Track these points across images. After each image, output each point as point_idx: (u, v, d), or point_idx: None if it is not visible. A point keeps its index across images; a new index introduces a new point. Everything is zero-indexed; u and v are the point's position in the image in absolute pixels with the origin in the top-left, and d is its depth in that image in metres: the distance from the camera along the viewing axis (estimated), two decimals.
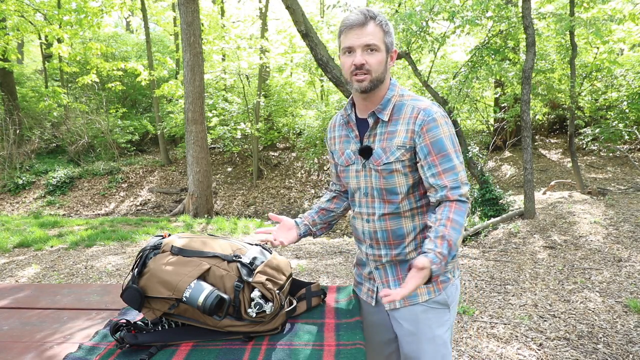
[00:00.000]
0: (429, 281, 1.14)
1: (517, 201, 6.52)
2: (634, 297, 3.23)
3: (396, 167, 1.28)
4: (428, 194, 1.31)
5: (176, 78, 13.10)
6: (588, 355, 2.52)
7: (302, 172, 13.22)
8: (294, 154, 14.16)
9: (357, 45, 1.23)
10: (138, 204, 11.68)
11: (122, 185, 12.52)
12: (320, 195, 11.79)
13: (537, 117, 12.27)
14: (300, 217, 1.57)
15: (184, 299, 1.17)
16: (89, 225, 7.10)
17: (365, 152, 1.31)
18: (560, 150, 12.04)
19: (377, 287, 1.44)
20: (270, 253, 1.41)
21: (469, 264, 4.35)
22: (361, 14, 1.23)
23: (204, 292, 1.16)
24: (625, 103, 8.26)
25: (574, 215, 5.41)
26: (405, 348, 1.42)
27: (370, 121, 1.31)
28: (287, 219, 1.54)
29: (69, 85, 15.09)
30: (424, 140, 1.25)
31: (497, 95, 10.55)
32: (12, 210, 10.98)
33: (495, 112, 10.26)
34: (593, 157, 11.01)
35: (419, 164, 1.28)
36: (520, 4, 6.15)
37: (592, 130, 8.77)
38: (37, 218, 8.23)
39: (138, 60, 15.42)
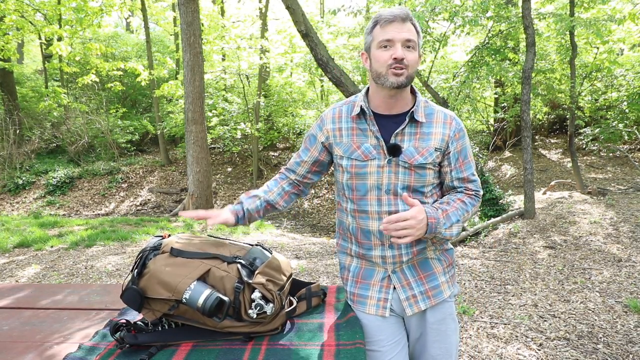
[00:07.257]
0: (427, 230, 1.22)
1: (517, 201, 6.52)
2: (634, 297, 3.23)
3: (429, 165, 1.32)
4: (446, 191, 1.43)
5: (176, 78, 13.09)
6: (588, 355, 2.52)
7: None
8: (294, 154, 14.16)
9: (398, 39, 1.20)
10: (138, 204, 11.67)
11: (122, 185, 12.52)
12: (321, 195, 11.77)
13: (537, 117, 12.28)
14: (246, 207, 1.41)
15: (184, 300, 1.17)
16: (89, 225, 7.10)
17: (395, 150, 1.28)
18: (560, 150, 12.04)
19: (392, 292, 1.36)
20: (271, 253, 1.41)
21: (469, 264, 4.35)
22: (402, 10, 1.21)
23: (204, 293, 1.16)
24: (625, 103, 8.27)
25: (574, 215, 5.41)
26: (432, 350, 1.39)
27: (406, 120, 1.29)
28: (219, 212, 1.39)
29: (69, 85, 15.07)
30: (457, 147, 1.34)
31: (497, 95, 10.56)
32: (12, 210, 10.98)
33: (495, 112, 10.28)
34: (593, 157, 11.01)
35: (445, 167, 1.36)
36: (520, 4, 6.15)
37: (592, 130, 8.78)
38: (37, 218, 8.23)
39: (138, 60, 15.41)
